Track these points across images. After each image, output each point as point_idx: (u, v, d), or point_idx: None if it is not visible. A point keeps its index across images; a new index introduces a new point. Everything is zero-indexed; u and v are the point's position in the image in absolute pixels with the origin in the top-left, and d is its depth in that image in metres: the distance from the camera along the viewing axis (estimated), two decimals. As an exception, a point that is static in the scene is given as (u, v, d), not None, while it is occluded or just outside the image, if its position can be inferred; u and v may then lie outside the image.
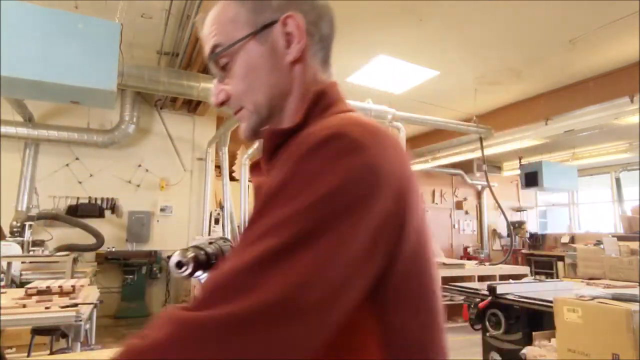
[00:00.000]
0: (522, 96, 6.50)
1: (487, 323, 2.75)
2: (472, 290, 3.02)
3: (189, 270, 0.64)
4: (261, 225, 0.40)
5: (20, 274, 4.41)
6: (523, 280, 4.10)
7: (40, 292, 2.39)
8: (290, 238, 0.38)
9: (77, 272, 4.44)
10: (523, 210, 10.89)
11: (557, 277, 7.77)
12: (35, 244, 5.17)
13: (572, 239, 8.81)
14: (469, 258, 9.23)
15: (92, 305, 2.43)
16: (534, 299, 2.50)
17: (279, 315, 0.36)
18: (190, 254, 0.65)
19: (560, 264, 8.30)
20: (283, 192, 0.42)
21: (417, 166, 8.63)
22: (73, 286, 2.54)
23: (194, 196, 6.76)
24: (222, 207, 6.70)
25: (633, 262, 4.14)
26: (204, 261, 0.67)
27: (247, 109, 0.59)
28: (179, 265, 0.63)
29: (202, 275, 0.67)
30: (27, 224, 5.22)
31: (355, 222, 0.40)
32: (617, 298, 2.12)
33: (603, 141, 7.60)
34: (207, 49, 0.61)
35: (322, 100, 0.56)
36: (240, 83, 0.59)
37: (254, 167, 0.64)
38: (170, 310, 0.39)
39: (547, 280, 3.76)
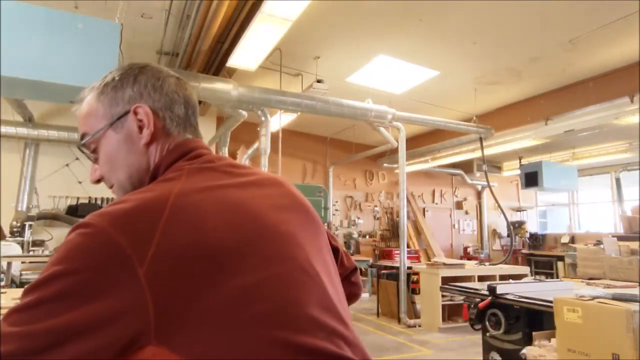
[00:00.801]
0: (522, 96, 6.50)
1: (487, 323, 2.75)
2: (472, 290, 3.02)
3: None
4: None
5: (20, 274, 4.42)
6: (523, 280, 4.10)
7: (40, 292, 2.38)
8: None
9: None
10: (523, 210, 10.89)
11: (557, 277, 7.77)
12: (35, 244, 5.17)
13: (572, 239, 8.81)
14: (469, 258, 9.23)
15: (92, 305, 2.42)
16: (534, 299, 2.50)
17: None
18: None
19: (560, 264, 8.30)
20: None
21: (417, 166, 8.64)
22: (73, 286, 2.53)
23: (194, 196, 6.75)
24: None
25: (633, 262, 4.14)
26: None
27: (115, 185, 0.70)
28: None
29: None
30: (27, 224, 5.22)
31: None
32: (617, 298, 2.11)
33: (603, 141, 7.60)
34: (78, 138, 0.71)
35: (156, 173, 0.66)
36: (105, 165, 0.70)
37: None
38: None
39: (547, 280, 3.77)
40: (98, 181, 0.71)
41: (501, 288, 2.73)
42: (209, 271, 0.48)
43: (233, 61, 4.43)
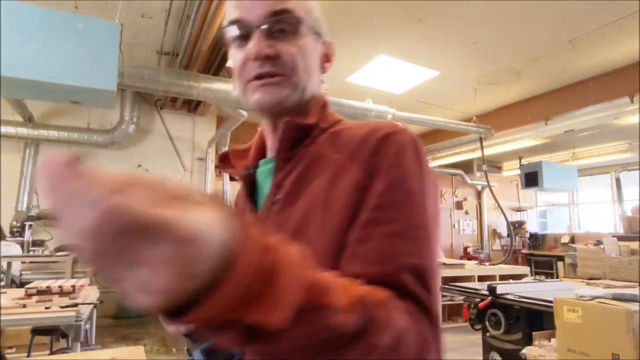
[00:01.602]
0: (522, 96, 6.50)
1: (487, 323, 2.75)
2: (472, 290, 3.02)
3: None
4: (415, 214, 0.52)
5: (20, 274, 4.42)
6: (523, 280, 4.10)
7: (40, 292, 2.39)
8: (437, 229, 0.54)
9: (77, 272, 4.44)
10: (523, 210, 10.89)
11: (557, 277, 7.77)
12: (35, 244, 5.17)
13: (572, 239, 8.81)
14: (469, 258, 9.23)
15: (92, 305, 2.43)
16: (534, 299, 2.50)
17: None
18: None
19: (560, 264, 8.30)
20: (411, 186, 0.53)
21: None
22: (73, 286, 2.54)
23: (194, 196, 6.75)
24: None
25: (633, 262, 4.14)
26: None
27: (289, 79, 0.61)
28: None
29: None
30: (27, 224, 5.22)
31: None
32: (617, 298, 2.11)
33: (603, 141, 7.60)
34: (264, 7, 0.61)
35: (326, 107, 0.67)
36: (299, 56, 0.62)
37: (237, 156, 0.71)
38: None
39: (547, 280, 3.76)
40: (267, 57, 0.60)
41: (501, 288, 2.73)
42: None
43: (233, 61, 4.42)
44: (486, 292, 2.78)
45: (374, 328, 0.40)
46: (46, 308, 2.20)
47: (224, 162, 0.72)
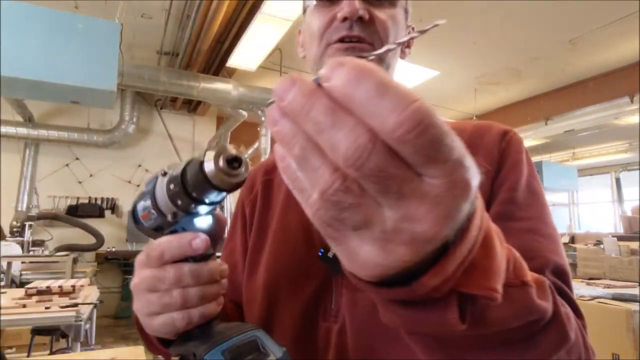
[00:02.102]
0: (522, 96, 6.50)
1: (487, 323, 2.75)
2: (472, 290, 3.02)
3: (243, 176, 0.39)
4: (544, 213, 0.53)
5: (20, 274, 4.41)
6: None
7: (40, 292, 2.39)
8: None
9: (77, 272, 4.44)
10: (523, 210, 10.89)
11: (557, 277, 7.76)
12: (35, 244, 5.17)
13: (572, 239, 8.80)
14: (469, 258, 9.22)
15: (92, 305, 2.43)
16: (534, 299, 2.50)
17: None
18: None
19: (560, 264, 8.30)
20: (534, 185, 0.54)
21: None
22: (73, 286, 2.54)
23: (194, 196, 6.76)
24: (222, 207, 6.71)
25: (633, 262, 4.14)
26: None
27: (377, 48, 0.57)
28: (237, 162, 0.39)
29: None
30: (27, 224, 5.22)
31: None
32: (617, 298, 2.12)
33: (603, 141, 7.60)
34: None
35: None
36: (392, 26, 0.60)
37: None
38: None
39: (547, 280, 3.76)
40: (360, 19, 0.56)
41: (501, 288, 2.73)
42: None
43: (233, 61, 4.43)
44: (486, 292, 2.78)
45: (563, 319, 0.36)
46: (46, 308, 2.20)
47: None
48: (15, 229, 5.17)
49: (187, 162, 0.40)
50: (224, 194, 0.39)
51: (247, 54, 4.23)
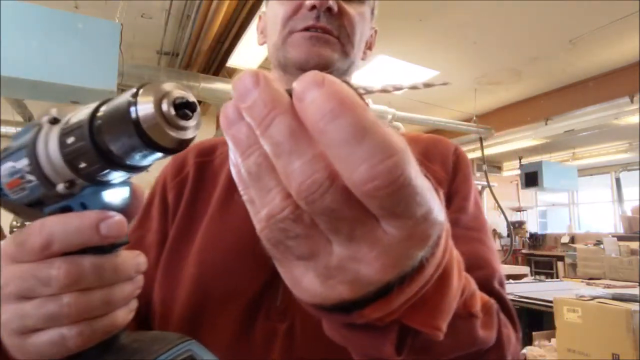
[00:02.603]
0: (522, 96, 6.50)
1: (487, 323, 2.75)
2: (472, 290, 3.02)
3: (193, 131, 0.30)
4: (486, 225, 0.56)
5: (20, 274, 4.41)
6: (523, 280, 4.10)
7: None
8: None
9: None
10: (523, 210, 10.88)
11: (557, 277, 7.76)
12: (35, 244, 5.17)
13: (572, 239, 8.81)
14: (469, 258, 9.22)
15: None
16: (534, 299, 2.50)
17: None
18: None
19: (560, 264, 8.30)
20: (478, 200, 0.58)
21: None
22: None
23: (194, 196, 6.74)
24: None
25: (633, 262, 4.14)
26: None
27: (342, 44, 0.57)
28: (188, 108, 0.28)
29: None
30: (27, 223, 5.22)
31: None
32: (617, 298, 2.11)
33: (603, 141, 7.59)
34: None
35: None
36: (359, 23, 0.58)
37: None
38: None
39: (547, 280, 3.76)
40: (329, 9, 0.54)
41: (501, 288, 2.73)
42: None
43: (233, 61, 4.43)
44: (486, 292, 2.78)
45: (504, 344, 0.38)
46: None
47: None
48: (15, 229, 5.17)
49: (100, 103, 0.28)
50: (158, 155, 0.27)
51: (247, 54, 4.23)
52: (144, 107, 0.24)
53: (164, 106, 0.25)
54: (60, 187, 0.28)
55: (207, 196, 0.58)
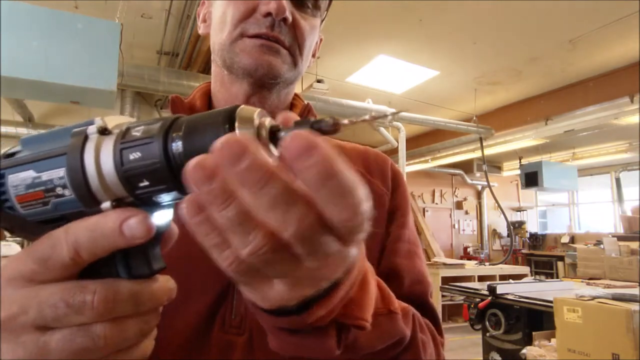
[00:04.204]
0: (522, 96, 6.50)
1: (487, 323, 2.75)
2: (472, 290, 3.02)
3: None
4: (415, 234, 0.62)
5: (20, 274, 4.40)
6: (523, 280, 4.10)
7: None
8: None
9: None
10: (523, 210, 10.89)
11: (557, 277, 7.77)
12: (35, 244, 5.16)
13: (572, 239, 8.81)
14: (469, 258, 9.23)
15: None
16: (534, 299, 2.50)
17: None
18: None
19: (560, 264, 8.30)
20: (408, 211, 0.63)
21: (417, 166, 8.64)
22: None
23: (194, 196, 6.75)
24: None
25: (633, 262, 4.14)
26: None
27: (292, 55, 0.56)
28: (276, 136, 0.26)
29: None
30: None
31: None
32: (617, 298, 2.11)
33: (603, 141, 7.59)
34: None
35: (312, 114, 0.64)
36: (310, 36, 0.58)
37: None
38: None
39: (547, 280, 3.77)
40: (285, 20, 0.53)
41: (501, 288, 2.73)
42: None
43: (233, 61, 4.42)
44: (486, 292, 2.78)
45: (419, 345, 0.44)
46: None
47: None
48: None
49: (170, 121, 0.26)
50: None
51: (247, 54, 4.22)
52: (243, 133, 0.24)
53: (264, 132, 0.25)
54: (106, 204, 0.25)
55: None
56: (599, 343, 1.98)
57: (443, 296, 5.18)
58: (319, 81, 5.11)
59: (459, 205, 10.48)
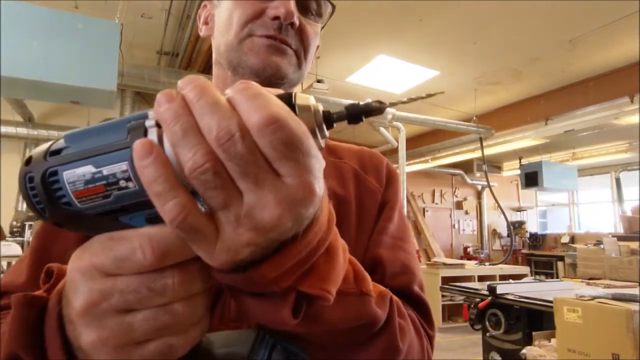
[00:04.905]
0: (522, 96, 6.50)
1: (487, 323, 2.75)
2: (472, 290, 3.02)
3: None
4: (409, 234, 0.63)
5: (20, 274, 4.40)
6: (523, 280, 4.10)
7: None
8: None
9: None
10: (523, 210, 10.89)
11: (557, 277, 7.77)
12: (35, 244, 5.16)
13: (572, 239, 8.81)
14: (469, 258, 9.23)
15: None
16: (534, 299, 2.50)
17: None
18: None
19: (560, 264, 8.30)
20: (402, 211, 0.64)
21: (417, 166, 8.64)
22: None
23: (194, 196, 6.75)
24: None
25: (633, 262, 4.13)
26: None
27: (297, 58, 0.58)
28: (330, 120, 0.29)
29: None
30: (27, 224, 5.22)
31: None
32: (617, 298, 2.11)
33: (603, 141, 7.60)
34: None
35: None
36: (313, 40, 0.60)
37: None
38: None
39: (547, 280, 3.77)
40: (292, 24, 0.55)
41: (501, 288, 2.73)
42: None
43: (233, 61, 4.42)
44: (486, 292, 2.78)
45: (395, 330, 0.41)
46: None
47: None
48: (15, 229, 5.17)
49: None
50: None
51: (247, 54, 4.23)
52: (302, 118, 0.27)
53: (319, 117, 0.28)
54: None
55: None
56: (599, 343, 1.98)
57: (443, 296, 5.18)
58: (319, 81, 5.11)
59: (459, 205, 10.48)
